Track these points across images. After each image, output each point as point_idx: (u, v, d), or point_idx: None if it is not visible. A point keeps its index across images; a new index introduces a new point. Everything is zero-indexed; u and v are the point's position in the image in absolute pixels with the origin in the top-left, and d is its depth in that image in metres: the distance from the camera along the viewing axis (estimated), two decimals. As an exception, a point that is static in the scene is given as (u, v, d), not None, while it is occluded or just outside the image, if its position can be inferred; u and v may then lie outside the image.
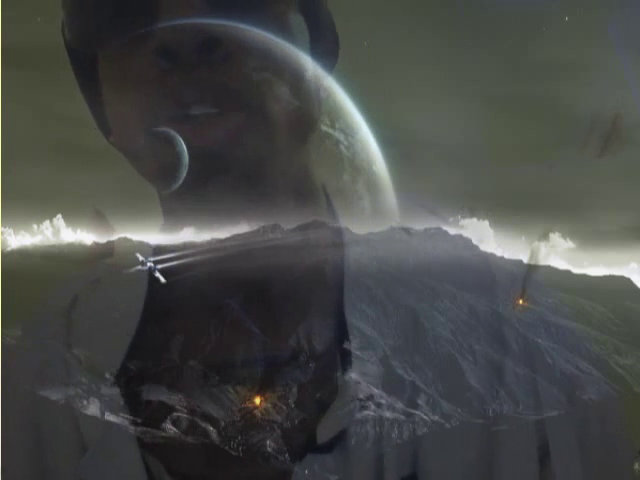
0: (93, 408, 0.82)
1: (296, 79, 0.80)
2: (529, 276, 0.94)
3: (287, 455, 0.78)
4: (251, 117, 0.77)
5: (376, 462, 0.80)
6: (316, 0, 0.85)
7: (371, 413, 0.80)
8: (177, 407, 0.81)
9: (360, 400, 0.80)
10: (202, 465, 0.80)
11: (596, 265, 1.12)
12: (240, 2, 0.75)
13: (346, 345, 0.84)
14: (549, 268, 0.99)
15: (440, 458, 0.81)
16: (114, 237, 0.99)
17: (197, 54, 0.73)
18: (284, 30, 0.78)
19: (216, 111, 0.75)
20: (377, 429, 0.80)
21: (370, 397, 0.80)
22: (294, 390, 0.81)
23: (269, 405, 0.80)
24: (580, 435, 0.85)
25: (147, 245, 0.94)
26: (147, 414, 0.80)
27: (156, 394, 0.81)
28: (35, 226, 1.14)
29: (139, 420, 0.81)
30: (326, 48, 0.87)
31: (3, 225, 1.07)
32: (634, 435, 0.92)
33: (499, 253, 1.00)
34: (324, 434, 0.79)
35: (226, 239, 0.90)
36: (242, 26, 0.74)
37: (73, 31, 0.83)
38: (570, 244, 1.10)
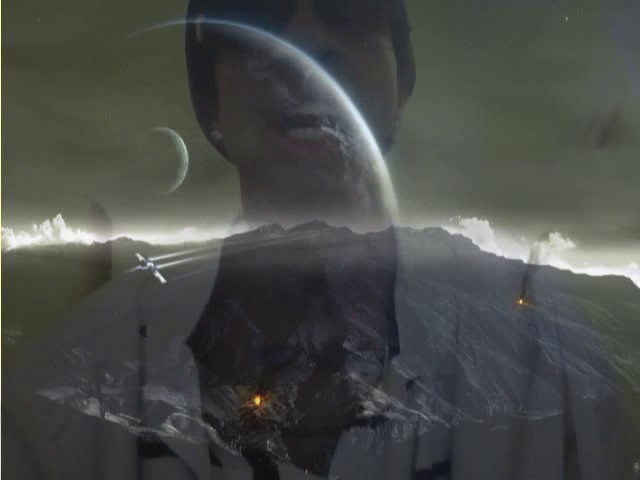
0: (93, 408, 0.82)
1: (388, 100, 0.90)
2: (529, 276, 0.94)
3: (287, 455, 0.78)
4: (352, 120, 0.86)
5: (376, 462, 0.80)
6: (406, 40, 0.95)
7: (371, 413, 0.80)
8: (177, 407, 0.81)
9: (360, 401, 0.80)
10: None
11: (596, 265, 1.12)
12: (348, 32, 0.85)
13: (346, 345, 0.84)
14: (549, 268, 0.99)
15: (440, 457, 0.81)
16: (114, 237, 0.99)
17: (312, 67, 0.82)
18: (383, 62, 0.89)
19: (321, 113, 0.84)
20: (377, 429, 0.79)
21: (370, 397, 0.80)
22: (294, 390, 0.81)
23: (269, 405, 0.80)
24: (605, 430, 0.85)
25: (147, 245, 0.95)
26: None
27: None
28: (35, 226, 1.14)
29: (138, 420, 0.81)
30: (407, 81, 0.97)
31: (3, 225, 1.07)
32: (634, 435, 0.92)
33: (499, 253, 1.00)
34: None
35: (226, 239, 0.90)
36: (349, 52, 0.85)
37: (204, 33, 0.90)
38: (570, 244, 1.10)
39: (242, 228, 0.91)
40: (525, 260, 0.96)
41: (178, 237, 0.96)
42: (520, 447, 0.82)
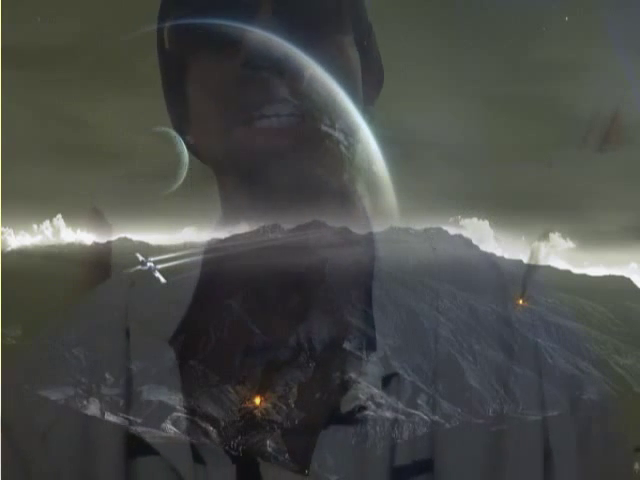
0: (93, 408, 0.82)
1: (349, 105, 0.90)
2: (529, 276, 0.94)
3: (287, 455, 0.78)
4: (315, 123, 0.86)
5: (376, 462, 0.80)
6: (369, 36, 0.96)
7: (371, 413, 0.80)
8: (177, 407, 0.81)
9: (360, 400, 0.80)
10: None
11: (596, 265, 1.12)
12: (309, 30, 0.86)
13: (346, 345, 0.84)
14: (549, 268, 0.99)
15: (443, 458, 0.81)
16: (114, 237, 0.99)
17: (276, 67, 0.84)
18: (343, 60, 0.90)
19: (287, 113, 0.85)
20: (377, 429, 0.79)
21: (370, 397, 0.80)
22: (294, 390, 0.81)
23: (269, 405, 0.81)
24: (581, 435, 0.85)
25: (147, 245, 0.95)
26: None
27: None
28: (35, 226, 1.14)
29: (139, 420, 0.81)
30: (374, 79, 0.97)
31: (3, 225, 1.07)
32: (634, 435, 0.92)
33: (499, 253, 1.00)
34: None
35: (226, 239, 0.90)
36: (310, 51, 0.85)
37: (173, 38, 0.92)
38: (570, 244, 1.10)
39: (223, 232, 0.91)
40: (525, 260, 0.96)
41: (178, 237, 0.96)
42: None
